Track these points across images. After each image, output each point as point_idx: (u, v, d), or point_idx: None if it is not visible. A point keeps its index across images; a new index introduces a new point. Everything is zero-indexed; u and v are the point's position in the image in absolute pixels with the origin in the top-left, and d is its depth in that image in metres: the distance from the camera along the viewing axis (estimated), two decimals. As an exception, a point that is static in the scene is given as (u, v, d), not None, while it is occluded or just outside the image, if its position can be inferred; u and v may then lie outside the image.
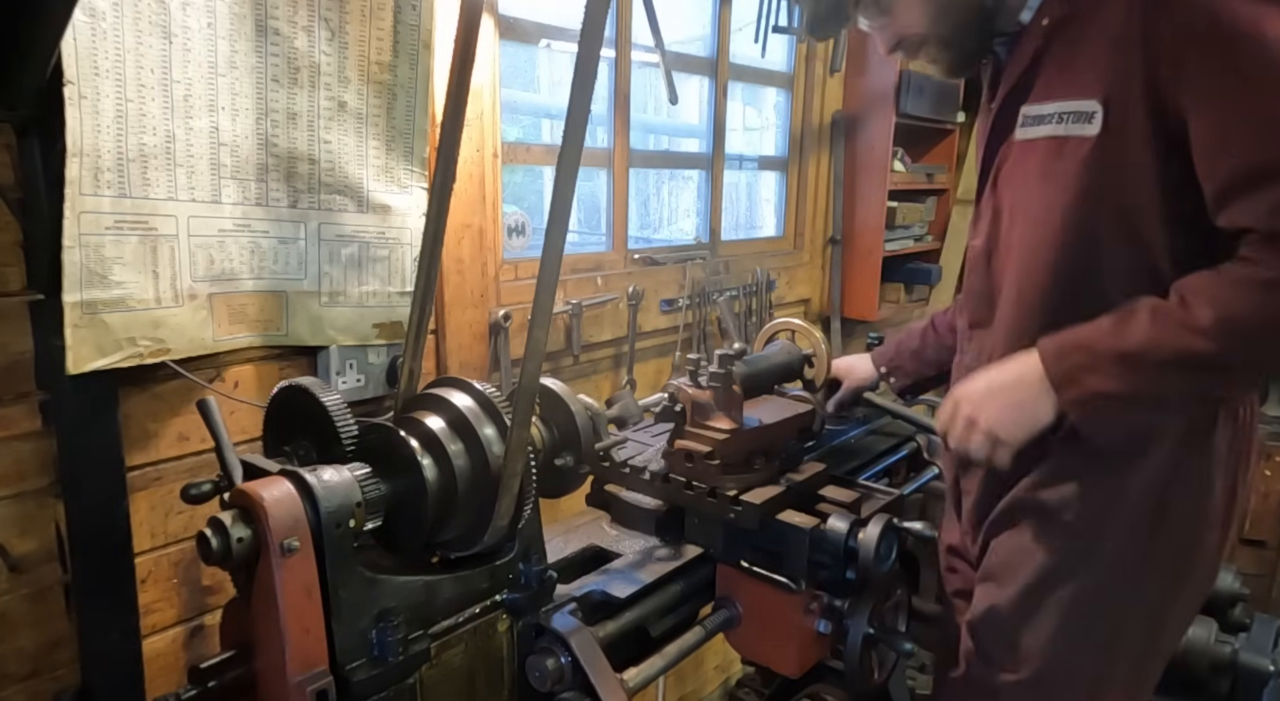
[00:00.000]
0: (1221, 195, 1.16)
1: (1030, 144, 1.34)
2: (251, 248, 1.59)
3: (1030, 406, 1.25)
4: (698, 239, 2.93)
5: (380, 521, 1.12)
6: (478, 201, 1.98)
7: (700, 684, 3.15)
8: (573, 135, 0.97)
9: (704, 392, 1.48)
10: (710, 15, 2.89)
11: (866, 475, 2.01)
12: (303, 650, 1.02)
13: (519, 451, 1.12)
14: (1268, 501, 3.58)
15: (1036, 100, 1.33)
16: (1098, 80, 1.23)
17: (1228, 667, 2.15)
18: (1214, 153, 1.16)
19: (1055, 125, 1.29)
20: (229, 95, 1.50)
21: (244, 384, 1.66)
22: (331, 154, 1.65)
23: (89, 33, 1.30)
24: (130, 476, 1.50)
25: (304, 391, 1.21)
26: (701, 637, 1.45)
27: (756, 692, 2.77)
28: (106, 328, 1.38)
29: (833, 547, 1.36)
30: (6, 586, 1.40)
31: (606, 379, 2.52)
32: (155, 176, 1.42)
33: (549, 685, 1.26)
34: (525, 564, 1.28)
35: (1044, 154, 1.31)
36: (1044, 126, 1.31)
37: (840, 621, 1.41)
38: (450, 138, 1.19)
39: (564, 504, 1.63)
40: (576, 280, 2.38)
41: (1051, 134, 1.29)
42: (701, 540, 1.52)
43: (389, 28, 1.68)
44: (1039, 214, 1.33)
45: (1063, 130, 1.28)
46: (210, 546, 1.00)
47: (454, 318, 1.98)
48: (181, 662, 1.62)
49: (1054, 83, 1.30)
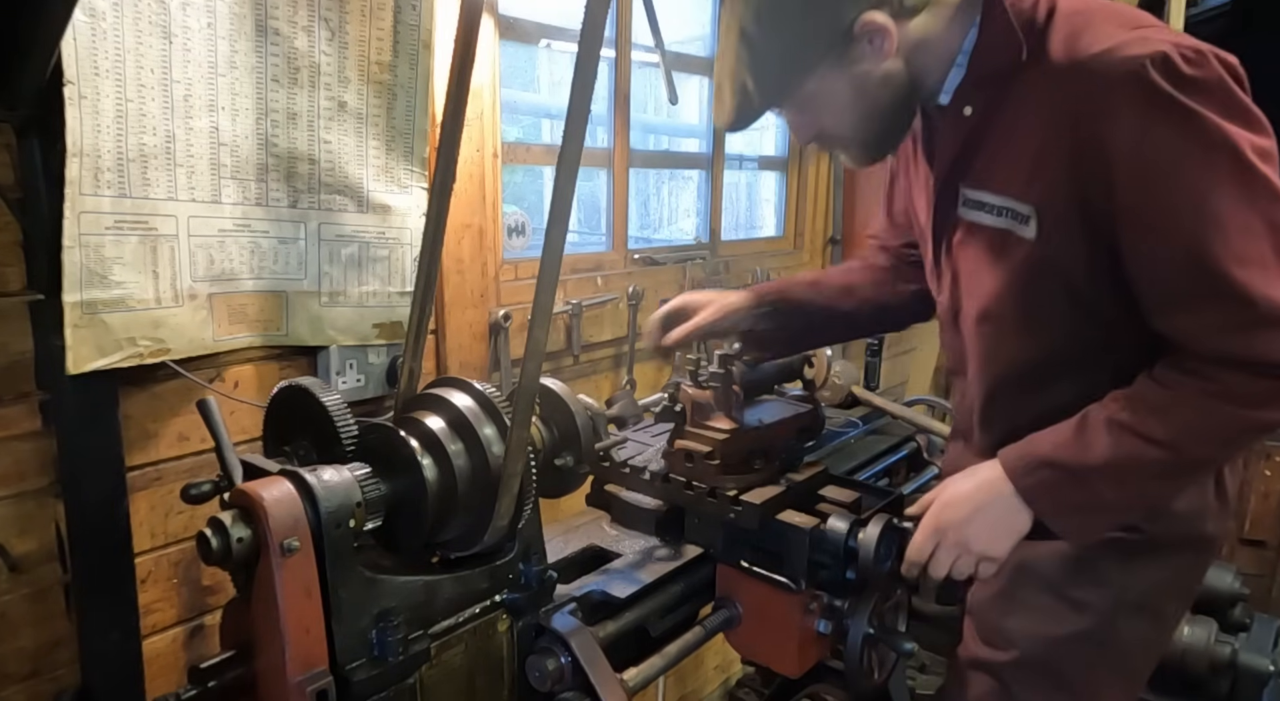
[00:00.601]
0: (1155, 311, 1.19)
1: (976, 227, 1.32)
2: (251, 248, 1.59)
3: (1009, 520, 1.25)
4: (698, 239, 2.93)
5: (380, 521, 1.12)
6: (478, 201, 1.98)
7: (700, 684, 3.15)
8: (573, 135, 0.97)
9: (704, 392, 1.48)
10: (710, 15, 2.89)
11: (866, 475, 2.01)
12: (303, 650, 1.02)
13: (519, 451, 1.12)
14: (1268, 501, 3.58)
15: (974, 185, 1.31)
16: (1029, 184, 1.23)
17: (1228, 667, 2.15)
18: (1143, 275, 1.18)
19: (997, 217, 1.28)
20: (229, 95, 1.50)
21: (244, 384, 1.66)
22: (331, 154, 1.65)
23: (89, 33, 1.30)
24: (130, 476, 1.50)
25: (304, 391, 1.21)
26: (701, 637, 1.45)
27: (756, 692, 2.77)
28: (106, 328, 1.38)
29: (833, 547, 1.36)
30: (6, 586, 1.40)
31: (606, 379, 2.52)
32: (155, 176, 1.42)
33: (549, 685, 1.26)
34: (525, 564, 1.28)
35: (990, 241, 1.31)
36: (986, 215, 1.30)
37: (840, 621, 1.41)
38: (450, 138, 1.19)
39: (564, 504, 1.63)
40: (576, 280, 2.38)
41: (994, 225, 1.29)
42: (701, 540, 1.52)
43: (389, 28, 1.68)
44: (991, 291, 1.34)
45: (1004, 223, 1.27)
46: (210, 546, 1.00)
47: (454, 318, 1.98)
48: (181, 662, 1.62)
49: (989, 172, 1.29)
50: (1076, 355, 1.31)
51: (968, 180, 1.31)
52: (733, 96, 1.29)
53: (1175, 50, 1.09)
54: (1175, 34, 1.15)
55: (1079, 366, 1.29)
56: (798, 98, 1.29)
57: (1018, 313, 1.32)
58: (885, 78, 1.26)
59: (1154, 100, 1.09)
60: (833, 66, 1.24)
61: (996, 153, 1.27)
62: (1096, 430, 1.20)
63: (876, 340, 3.14)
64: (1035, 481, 1.23)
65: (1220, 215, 1.09)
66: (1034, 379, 1.34)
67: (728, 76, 1.28)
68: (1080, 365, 1.30)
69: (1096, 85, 1.12)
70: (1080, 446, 1.21)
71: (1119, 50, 1.11)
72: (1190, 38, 1.14)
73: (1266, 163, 1.11)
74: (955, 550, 1.27)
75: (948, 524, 1.28)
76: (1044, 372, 1.33)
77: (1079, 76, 1.14)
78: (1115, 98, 1.11)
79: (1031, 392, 1.34)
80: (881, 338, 3.14)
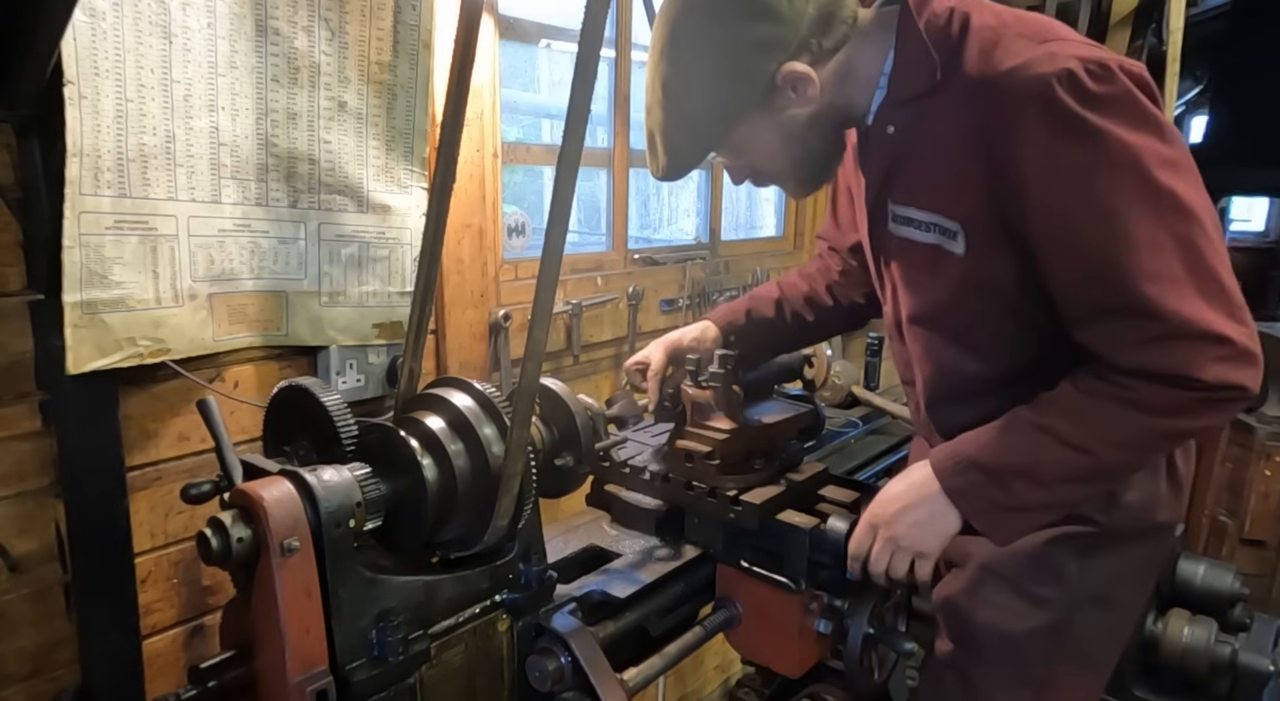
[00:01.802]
0: (1074, 322, 1.20)
1: (908, 243, 1.34)
2: (251, 248, 1.59)
3: (939, 520, 1.27)
4: (698, 239, 2.93)
5: (380, 521, 1.12)
6: (478, 201, 1.98)
7: (700, 684, 3.15)
8: (573, 135, 0.97)
9: (704, 392, 1.48)
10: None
11: (866, 475, 2.01)
12: (303, 650, 1.02)
13: (519, 451, 1.12)
14: (1268, 501, 3.58)
15: (901, 202, 1.32)
16: (952, 202, 1.24)
17: (1228, 667, 2.15)
18: (1059, 287, 1.20)
19: (926, 233, 1.30)
20: (229, 95, 1.50)
21: (244, 384, 1.66)
22: (331, 154, 1.65)
23: (89, 33, 1.30)
24: (130, 476, 1.50)
25: (304, 391, 1.21)
26: (701, 637, 1.45)
27: (756, 692, 2.77)
28: (106, 328, 1.38)
29: (833, 547, 1.36)
30: (6, 586, 1.40)
31: (606, 379, 2.52)
32: (155, 176, 1.42)
33: (549, 685, 1.26)
34: (525, 564, 1.28)
35: (923, 256, 1.32)
36: (915, 230, 1.31)
37: (840, 621, 1.41)
38: (450, 138, 1.19)
39: (564, 504, 1.63)
40: (576, 280, 2.38)
41: (924, 241, 1.30)
42: (701, 540, 1.52)
43: (389, 28, 1.68)
44: (928, 304, 1.37)
45: (933, 239, 1.29)
46: (210, 546, 1.00)
47: (454, 318, 1.98)
48: (181, 662, 1.62)
49: (914, 189, 1.30)
50: (1014, 367, 1.33)
51: (895, 197, 1.33)
52: (665, 151, 1.32)
53: (1081, 66, 1.10)
54: (1084, 46, 1.15)
55: (1015, 379, 1.31)
56: (729, 145, 1.33)
57: (956, 325, 1.35)
58: (812, 119, 1.30)
59: (1060, 120, 1.10)
60: (759, 114, 1.27)
61: (921, 170, 1.28)
62: (1018, 432, 1.22)
63: (876, 340, 3.14)
64: (962, 482, 1.25)
65: (1130, 233, 1.11)
66: (973, 390, 1.37)
67: (658, 130, 1.32)
68: (1015, 379, 1.31)
69: (1006, 104, 1.14)
70: (1001, 448, 1.23)
71: (1027, 69, 1.12)
72: (1098, 48, 1.15)
73: (1176, 175, 1.12)
74: (889, 546, 1.29)
75: (880, 520, 1.30)
76: (981, 385, 1.36)
77: (990, 94, 1.15)
78: (1024, 117, 1.12)
79: (971, 403, 1.36)
80: (881, 337, 3.14)
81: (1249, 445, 3.60)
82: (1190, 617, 2.20)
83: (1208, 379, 1.10)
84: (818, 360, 1.78)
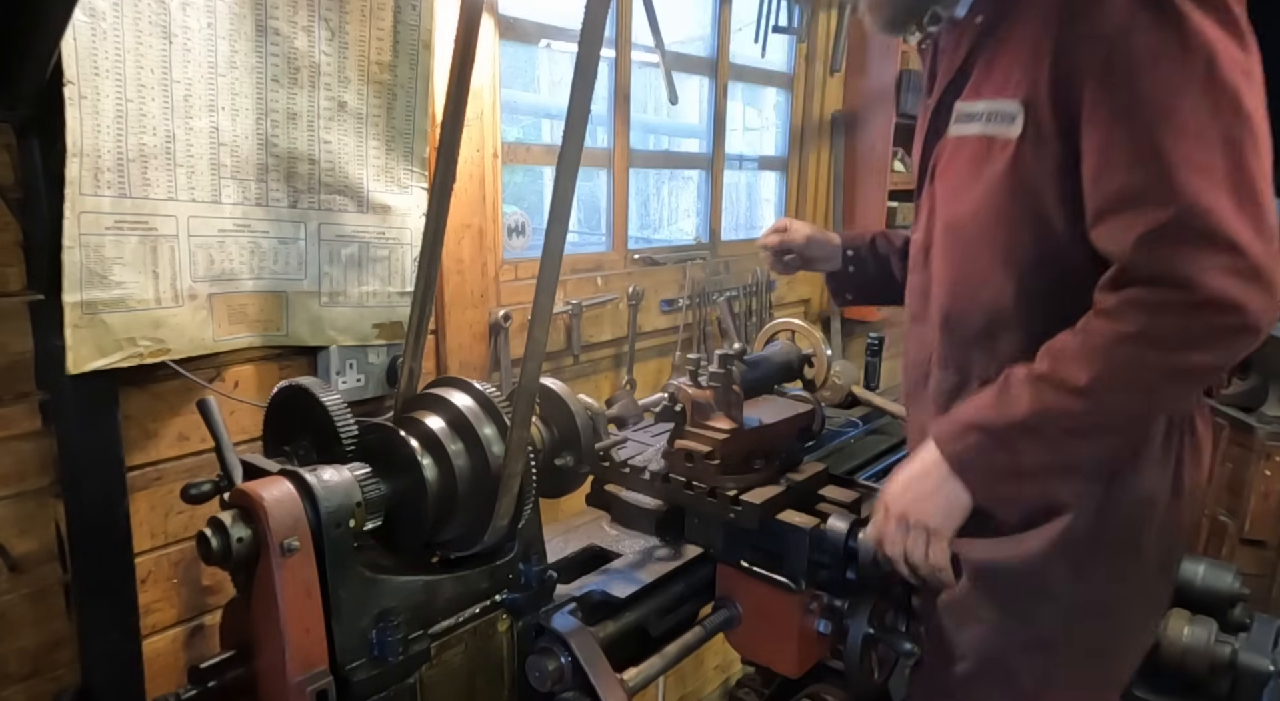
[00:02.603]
0: (1096, 215, 1.18)
1: (962, 140, 1.35)
2: (251, 248, 1.59)
3: (945, 492, 1.24)
4: (698, 239, 2.93)
5: (380, 521, 1.12)
6: (478, 201, 1.98)
7: (700, 684, 3.15)
8: (573, 135, 0.97)
9: (704, 392, 1.48)
10: (710, 15, 2.89)
11: (866, 475, 2.01)
12: (303, 650, 1.02)
13: (519, 451, 1.12)
14: (1268, 501, 3.58)
15: (969, 97, 1.34)
16: (1019, 82, 1.25)
17: (1228, 668, 2.15)
18: (1094, 172, 1.17)
19: (985, 123, 1.30)
20: (229, 95, 1.50)
21: (244, 384, 1.66)
22: (331, 154, 1.65)
23: (89, 33, 1.30)
24: (130, 476, 1.50)
25: (304, 391, 1.21)
26: (701, 637, 1.45)
27: (756, 692, 2.76)
28: (106, 328, 1.38)
29: (832, 547, 1.36)
30: (6, 586, 1.40)
31: (606, 379, 2.52)
32: (155, 176, 1.42)
33: (549, 685, 1.26)
34: (525, 564, 1.28)
35: (973, 151, 1.32)
36: (974, 124, 1.32)
37: (840, 621, 1.41)
38: (450, 138, 1.19)
39: (564, 504, 1.63)
40: (576, 280, 2.38)
41: (980, 132, 1.31)
42: (701, 540, 1.52)
43: (389, 28, 1.69)
44: (968, 211, 1.34)
45: (991, 129, 1.29)
46: (210, 546, 1.00)
47: (454, 318, 1.98)
48: (181, 662, 1.62)
49: (984, 80, 1.32)
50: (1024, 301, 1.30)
51: (964, 95, 1.35)
52: None
53: None
54: None
55: (1030, 314, 1.29)
56: None
57: (984, 234, 1.32)
58: None
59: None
60: None
61: (994, 60, 1.30)
62: (1018, 386, 1.20)
63: (876, 340, 3.14)
64: (962, 447, 1.23)
65: (1182, 117, 1.09)
66: (982, 324, 1.34)
67: None
68: (1031, 312, 1.29)
69: None
70: (1002, 404, 1.21)
71: None
72: None
73: (1245, 80, 1.10)
74: (901, 526, 1.27)
75: (892, 499, 1.28)
76: (992, 317, 1.33)
77: None
78: None
79: (985, 341, 1.35)
80: (881, 337, 3.14)
81: (1249, 445, 3.59)
82: (1190, 617, 2.20)
83: (1206, 283, 1.06)
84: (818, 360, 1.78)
